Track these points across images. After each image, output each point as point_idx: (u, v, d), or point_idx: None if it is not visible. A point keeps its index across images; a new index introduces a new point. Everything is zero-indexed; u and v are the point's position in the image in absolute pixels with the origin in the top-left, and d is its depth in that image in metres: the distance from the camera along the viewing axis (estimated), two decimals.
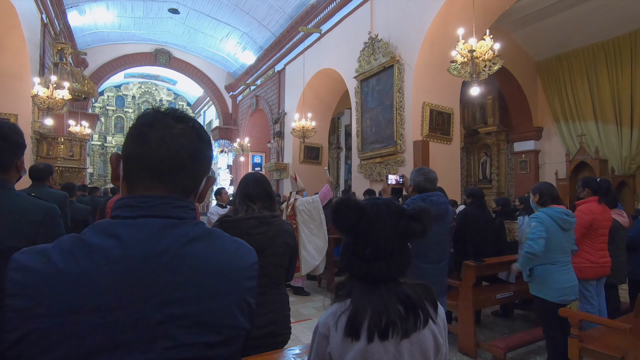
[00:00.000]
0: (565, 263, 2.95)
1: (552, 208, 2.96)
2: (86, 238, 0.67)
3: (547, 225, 2.88)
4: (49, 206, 1.43)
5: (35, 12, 8.06)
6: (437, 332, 1.04)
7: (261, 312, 1.78)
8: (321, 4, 9.26)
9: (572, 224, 2.97)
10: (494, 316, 4.73)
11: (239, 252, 0.80)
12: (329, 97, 10.78)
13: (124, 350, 0.63)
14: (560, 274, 2.90)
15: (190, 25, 13.19)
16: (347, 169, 13.84)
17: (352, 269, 1.06)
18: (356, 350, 0.95)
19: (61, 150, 8.84)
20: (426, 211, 1.08)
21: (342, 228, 1.07)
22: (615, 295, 3.94)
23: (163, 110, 0.78)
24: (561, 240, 2.93)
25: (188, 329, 0.67)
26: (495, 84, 9.66)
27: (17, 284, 0.61)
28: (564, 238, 2.94)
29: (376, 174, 7.27)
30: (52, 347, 0.60)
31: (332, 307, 1.05)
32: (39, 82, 7.12)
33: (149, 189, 0.74)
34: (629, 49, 8.06)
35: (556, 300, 2.88)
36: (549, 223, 2.89)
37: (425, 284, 1.08)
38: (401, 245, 1.06)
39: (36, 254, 0.64)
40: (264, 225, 1.82)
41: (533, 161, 9.82)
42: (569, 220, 2.94)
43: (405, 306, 0.99)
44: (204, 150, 0.79)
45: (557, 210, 2.94)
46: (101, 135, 22.01)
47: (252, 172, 2.07)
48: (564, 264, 2.94)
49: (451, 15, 6.18)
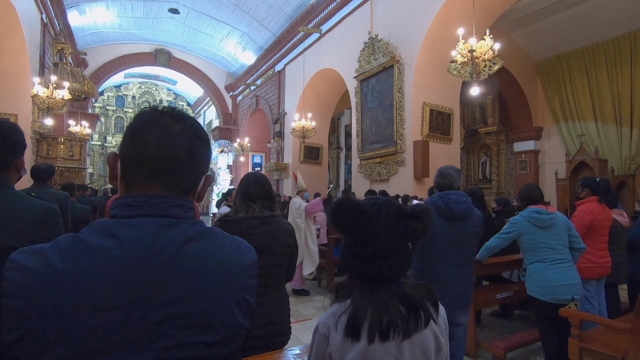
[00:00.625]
0: (555, 261, 2.87)
1: (527, 209, 2.99)
2: (84, 238, 0.66)
3: (519, 226, 2.96)
4: (49, 206, 1.42)
5: (35, 12, 8.06)
6: (438, 332, 1.03)
7: (261, 312, 1.77)
8: (321, 4, 9.26)
9: (547, 221, 2.90)
10: (493, 317, 4.73)
11: (238, 250, 0.79)
12: (329, 97, 10.78)
13: (123, 350, 0.62)
14: (550, 272, 2.84)
15: (190, 25, 13.19)
16: (347, 169, 13.84)
17: (352, 270, 1.05)
18: (356, 351, 0.95)
19: (61, 150, 8.85)
20: (426, 210, 1.07)
21: (342, 228, 1.06)
22: (615, 295, 3.94)
23: (161, 109, 0.77)
24: (544, 238, 2.88)
25: (187, 329, 0.67)
26: (495, 84, 9.66)
27: (15, 284, 0.60)
28: (545, 236, 2.89)
29: (376, 174, 7.27)
30: (50, 348, 0.59)
31: (332, 308, 1.05)
32: (39, 82, 7.13)
33: (147, 188, 0.73)
34: (628, 49, 8.07)
35: (547, 299, 2.83)
36: (521, 223, 2.95)
37: (426, 284, 1.07)
38: (401, 245, 1.05)
39: (34, 254, 0.63)
40: (264, 225, 1.82)
41: (533, 161, 9.82)
42: (541, 218, 2.89)
43: (406, 306, 0.99)
44: (202, 149, 0.79)
45: (529, 210, 2.95)
46: (101, 135, 22.01)
47: (252, 172, 2.06)
48: (554, 262, 2.86)
49: (451, 15, 6.18)
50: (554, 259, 2.88)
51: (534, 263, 2.92)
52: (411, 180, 6.50)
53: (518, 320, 4.63)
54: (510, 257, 4.24)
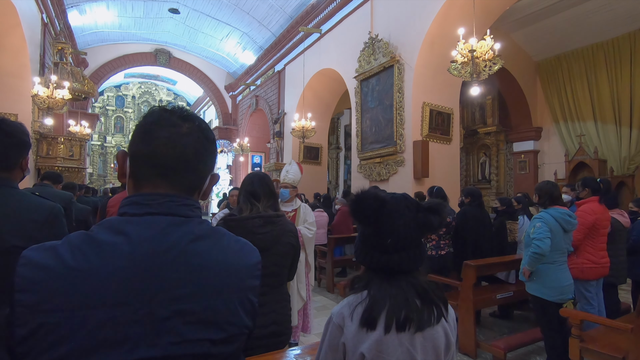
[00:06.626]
0: (562, 263, 3.00)
1: (555, 209, 2.99)
2: (95, 235, 0.68)
3: (551, 226, 2.91)
4: (53, 206, 1.42)
5: (35, 11, 8.06)
6: (449, 330, 1.05)
7: (263, 312, 1.78)
8: (321, 4, 9.27)
9: (573, 226, 3.01)
10: (493, 317, 4.73)
11: (242, 251, 0.81)
12: (328, 97, 10.79)
13: (131, 345, 0.64)
14: (558, 273, 2.95)
15: (190, 25, 13.19)
16: (347, 169, 13.85)
17: (370, 261, 1.07)
18: (372, 341, 0.96)
19: (61, 150, 8.85)
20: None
21: (363, 218, 1.08)
22: (615, 295, 3.94)
23: (170, 109, 0.79)
24: (561, 241, 2.96)
25: (193, 325, 0.69)
26: (494, 84, 9.67)
27: (27, 279, 0.62)
28: (564, 239, 2.98)
29: (376, 174, 7.27)
30: (60, 342, 0.60)
31: (348, 298, 1.06)
32: (39, 81, 7.13)
33: (155, 186, 0.75)
34: (628, 49, 8.08)
35: (554, 299, 2.92)
36: (552, 224, 2.92)
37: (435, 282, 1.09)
38: (418, 238, 1.07)
39: (45, 250, 0.65)
40: (268, 225, 1.83)
41: (532, 161, 9.83)
42: (571, 222, 2.98)
43: (422, 300, 1.01)
44: (209, 149, 0.81)
45: (561, 212, 2.97)
46: (101, 135, 22.00)
47: (255, 171, 2.07)
48: (561, 264, 2.99)
49: (451, 15, 6.19)
50: (562, 261, 2.98)
51: (543, 264, 2.94)
52: (411, 180, 6.50)
53: (518, 320, 4.63)
54: (509, 257, 4.24)
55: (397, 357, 0.96)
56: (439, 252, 4.34)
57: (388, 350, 0.96)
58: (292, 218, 3.29)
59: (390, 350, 0.96)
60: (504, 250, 4.63)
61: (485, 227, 4.58)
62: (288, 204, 3.39)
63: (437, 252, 4.33)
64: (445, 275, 4.23)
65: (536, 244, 2.87)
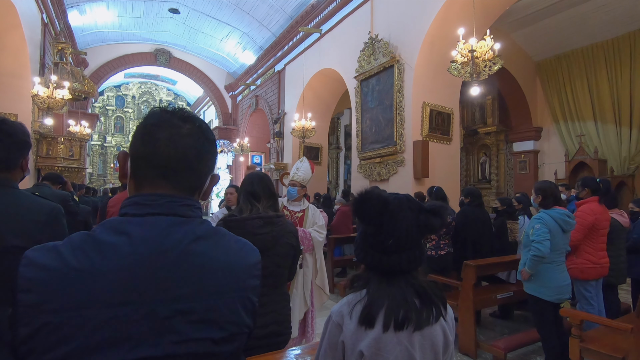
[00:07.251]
0: (560, 263, 3.01)
1: (555, 210, 2.98)
2: (96, 235, 0.69)
3: (550, 227, 2.90)
4: (54, 206, 1.42)
5: (35, 11, 8.05)
6: (447, 329, 1.06)
7: (263, 312, 1.78)
8: (321, 4, 9.27)
9: (572, 226, 3.02)
10: (493, 317, 4.73)
11: (243, 251, 0.82)
12: (328, 97, 10.79)
13: (133, 344, 0.64)
14: (556, 273, 2.96)
15: (191, 25, 13.19)
16: (347, 169, 13.85)
17: (371, 261, 1.08)
18: (370, 339, 0.97)
19: (61, 150, 8.85)
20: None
21: (366, 218, 1.09)
22: (615, 295, 3.94)
23: (170, 110, 0.80)
24: (560, 241, 2.97)
25: (194, 324, 0.69)
26: (494, 84, 9.67)
27: (29, 279, 0.63)
28: (562, 239, 2.99)
29: (376, 174, 7.27)
30: (62, 341, 0.61)
31: (347, 297, 1.07)
32: (39, 81, 7.13)
33: (156, 186, 0.76)
34: (628, 49, 8.08)
35: (552, 299, 2.93)
36: (551, 224, 2.91)
37: (434, 281, 1.11)
38: (419, 239, 1.08)
39: (47, 251, 0.66)
40: (268, 226, 1.83)
41: (532, 161, 9.84)
42: (570, 222, 2.98)
43: (421, 299, 1.02)
44: (209, 150, 0.82)
45: (560, 212, 2.97)
46: (101, 135, 22.00)
47: (255, 171, 2.07)
48: (559, 264, 3.00)
49: (451, 15, 6.19)
50: (560, 261, 2.98)
51: (543, 264, 2.95)
52: (411, 180, 6.50)
53: (518, 320, 4.63)
54: (510, 257, 4.24)
55: (395, 355, 0.97)
56: (438, 252, 4.34)
57: (386, 348, 0.97)
58: (300, 219, 3.08)
59: (389, 349, 0.97)
60: (504, 250, 4.63)
61: (485, 227, 4.58)
62: (296, 203, 3.14)
63: (437, 252, 4.33)
64: (445, 275, 4.23)
65: (536, 247, 2.87)
